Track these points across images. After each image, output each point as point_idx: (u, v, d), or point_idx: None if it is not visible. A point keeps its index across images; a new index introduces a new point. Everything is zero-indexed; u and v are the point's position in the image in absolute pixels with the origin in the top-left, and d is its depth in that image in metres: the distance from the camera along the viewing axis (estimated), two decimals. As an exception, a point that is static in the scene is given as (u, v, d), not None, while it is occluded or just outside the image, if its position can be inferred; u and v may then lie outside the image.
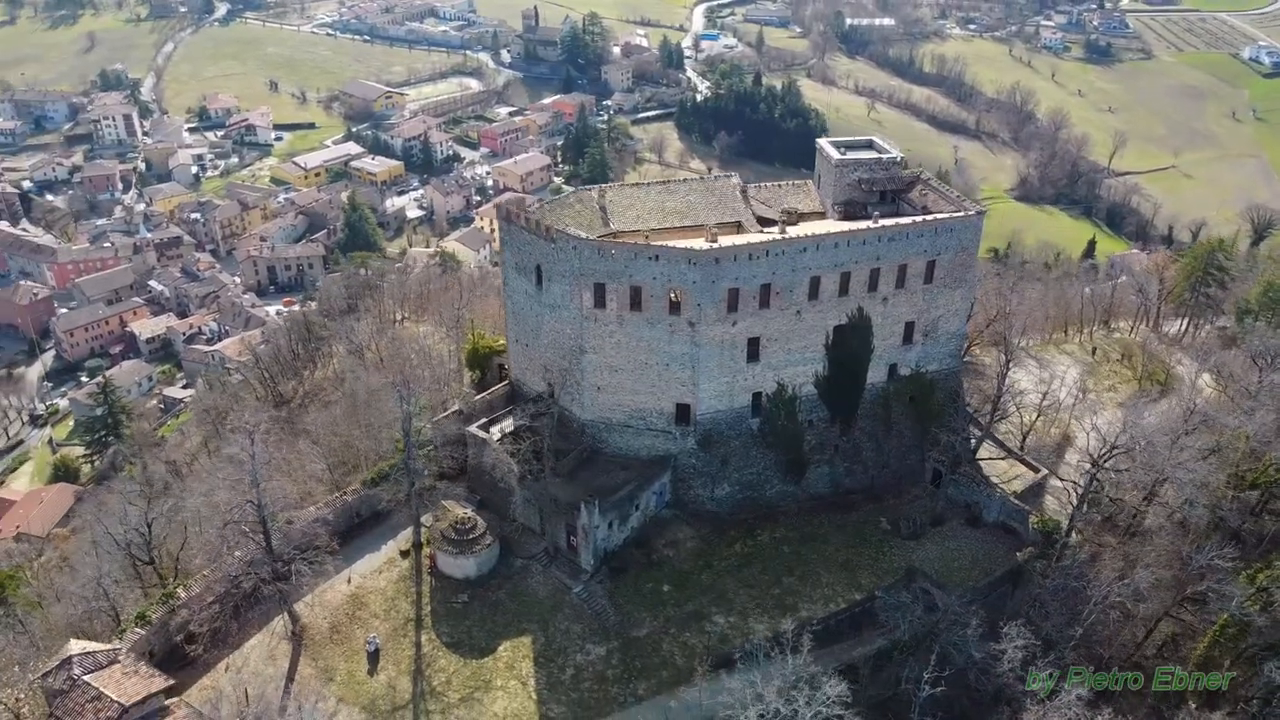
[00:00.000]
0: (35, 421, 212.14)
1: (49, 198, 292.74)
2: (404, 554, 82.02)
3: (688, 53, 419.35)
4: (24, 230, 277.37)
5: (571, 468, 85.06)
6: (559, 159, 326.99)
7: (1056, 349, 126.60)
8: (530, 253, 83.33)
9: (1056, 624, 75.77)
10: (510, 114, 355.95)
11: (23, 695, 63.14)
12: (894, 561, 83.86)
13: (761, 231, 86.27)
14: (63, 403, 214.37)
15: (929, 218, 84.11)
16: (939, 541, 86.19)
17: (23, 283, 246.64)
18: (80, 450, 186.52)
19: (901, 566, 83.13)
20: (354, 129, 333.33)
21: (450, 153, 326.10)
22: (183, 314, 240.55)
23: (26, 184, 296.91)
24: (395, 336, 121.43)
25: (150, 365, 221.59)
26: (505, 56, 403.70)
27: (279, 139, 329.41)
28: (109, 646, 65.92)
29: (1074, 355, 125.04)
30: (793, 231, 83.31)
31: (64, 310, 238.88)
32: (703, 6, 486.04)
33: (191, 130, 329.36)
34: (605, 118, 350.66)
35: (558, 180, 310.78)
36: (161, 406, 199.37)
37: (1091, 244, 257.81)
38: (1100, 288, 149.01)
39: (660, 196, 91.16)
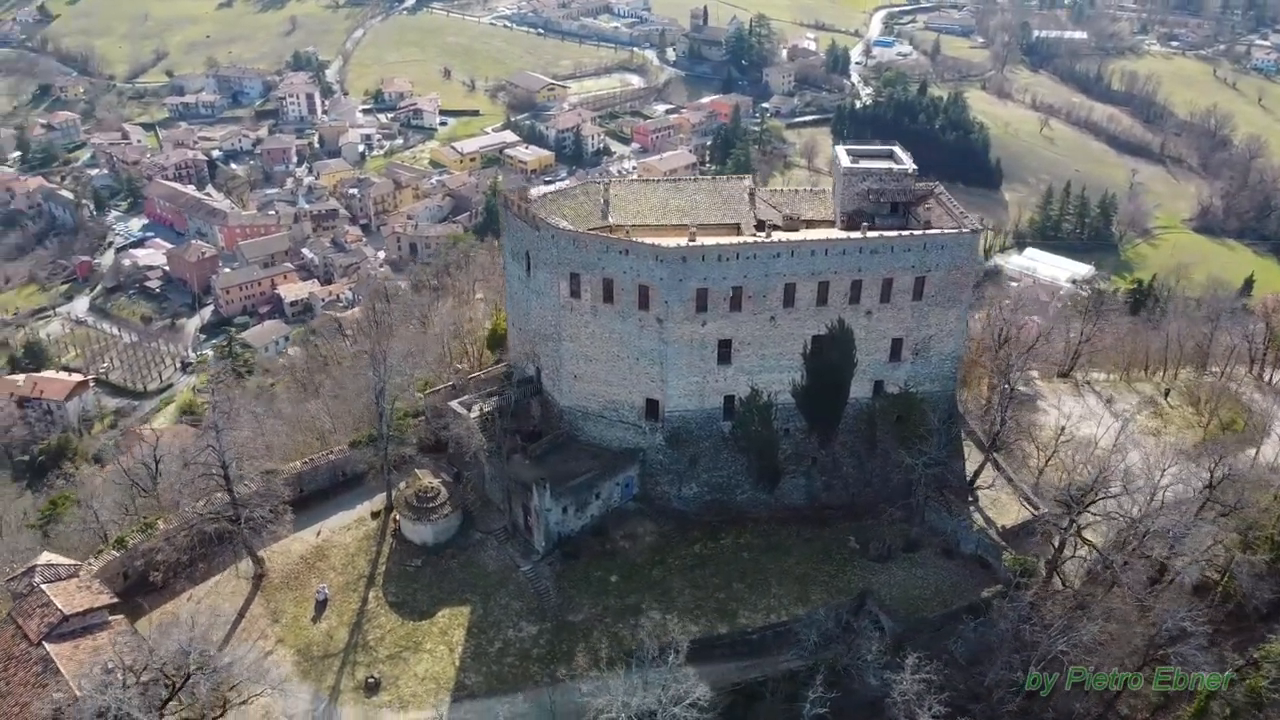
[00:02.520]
0: (185, 369, 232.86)
1: (233, 166, 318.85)
2: (374, 515, 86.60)
3: (857, 59, 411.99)
4: (207, 194, 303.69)
5: (544, 451, 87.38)
6: (706, 158, 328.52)
7: (1128, 386, 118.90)
8: (522, 240, 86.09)
9: (1002, 668, 72.27)
10: (666, 111, 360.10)
11: (-1, 592, 71.56)
12: (852, 582, 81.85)
13: (755, 235, 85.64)
14: (209, 353, 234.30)
15: (914, 232, 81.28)
16: (907, 568, 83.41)
17: (195, 242, 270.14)
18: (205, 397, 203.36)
19: (858, 587, 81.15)
20: (513, 118, 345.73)
21: (601, 146, 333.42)
22: (327, 281, 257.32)
23: (216, 153, 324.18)
24: (448, 311, 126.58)
25: (288, 326, 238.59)
26: (670, 54, 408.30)
27: (443, 124, 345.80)
28: (72, 562, 73.40)
29: (1144, 394, 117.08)
30: (780, 237, 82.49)
31: (226, 269, 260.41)
32: (883, 13, 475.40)
33: (365, 111, 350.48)
34: (759, 119, 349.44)
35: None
36: (285, 364, 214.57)
37: (1249, 282, 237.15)
38: (1199, 328, 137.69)
39: (666, 194, 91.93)
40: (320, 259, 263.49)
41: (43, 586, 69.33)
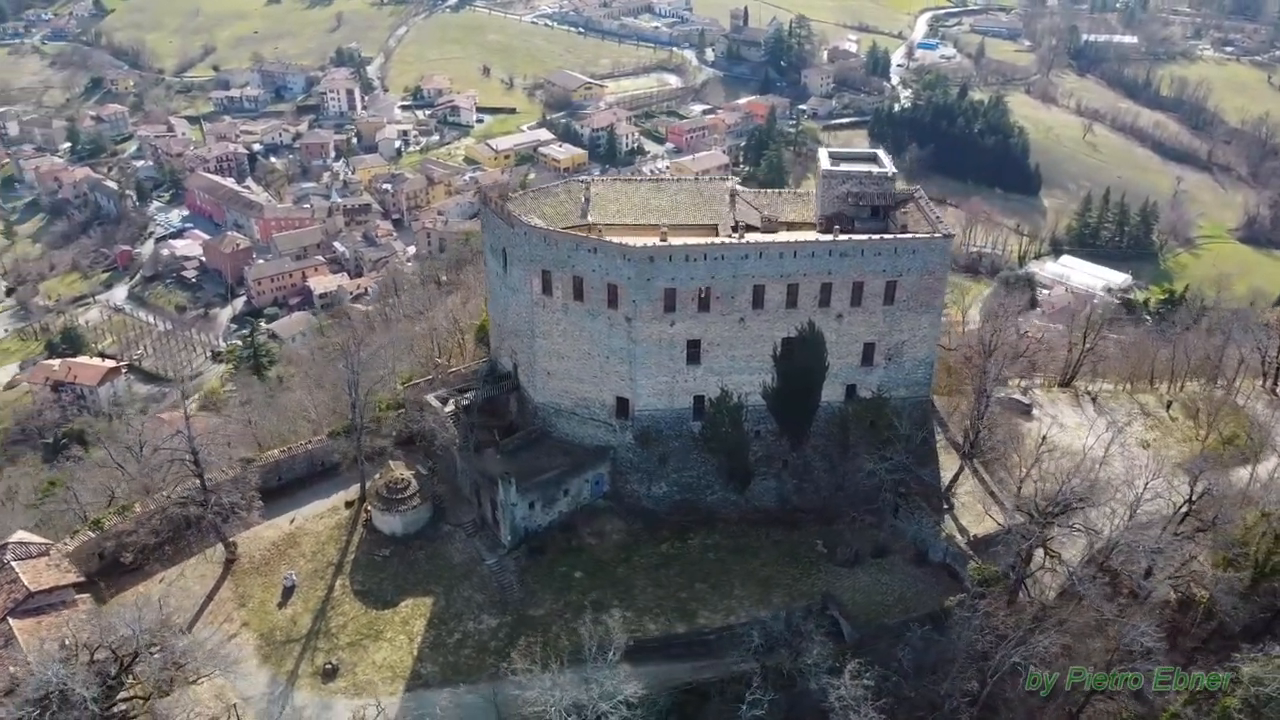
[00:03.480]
0: (215, 358, 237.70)
1: (272, 160, 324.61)
2: (348, 505, 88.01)
3: (899, 61, 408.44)
4: (246, 187, 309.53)
5: (517, 446, 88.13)
6: (740, 159, 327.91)
7: (1130, 398, 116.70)
8: (499, 236, 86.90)
9: (956, 678, 71.51)
10: (702, 112, 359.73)
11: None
12: (815, 586, 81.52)
13: (729, 236, 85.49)
14: (239, 344, 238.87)
15: (885, 236, 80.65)
16: (873, 573, 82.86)
17: (230, 233, 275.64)
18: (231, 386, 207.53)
19: (820, 591, 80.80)
20: (549, 116, 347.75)
21: (635, 145, 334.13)
22: (357, 274, 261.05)
23: (256, 146, 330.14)
24: (451, 306, 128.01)
25: (315, 318, 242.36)
26: (709, 55, 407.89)
27: (480, 121, 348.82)
28: (44, 541, 75.73)
29: (1145, 406, 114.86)
30: (754, 239, 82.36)
31: (260, 261, 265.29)
32: (928, 15, 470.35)
33: (403, 108, 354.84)
34: (795, 121, 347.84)
35: (734, 180, 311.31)
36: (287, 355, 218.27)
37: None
38: (1211, 340, 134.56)
39: (648, 194, 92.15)
40: (351, 252, 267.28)
41: (12, 563, 71.68)
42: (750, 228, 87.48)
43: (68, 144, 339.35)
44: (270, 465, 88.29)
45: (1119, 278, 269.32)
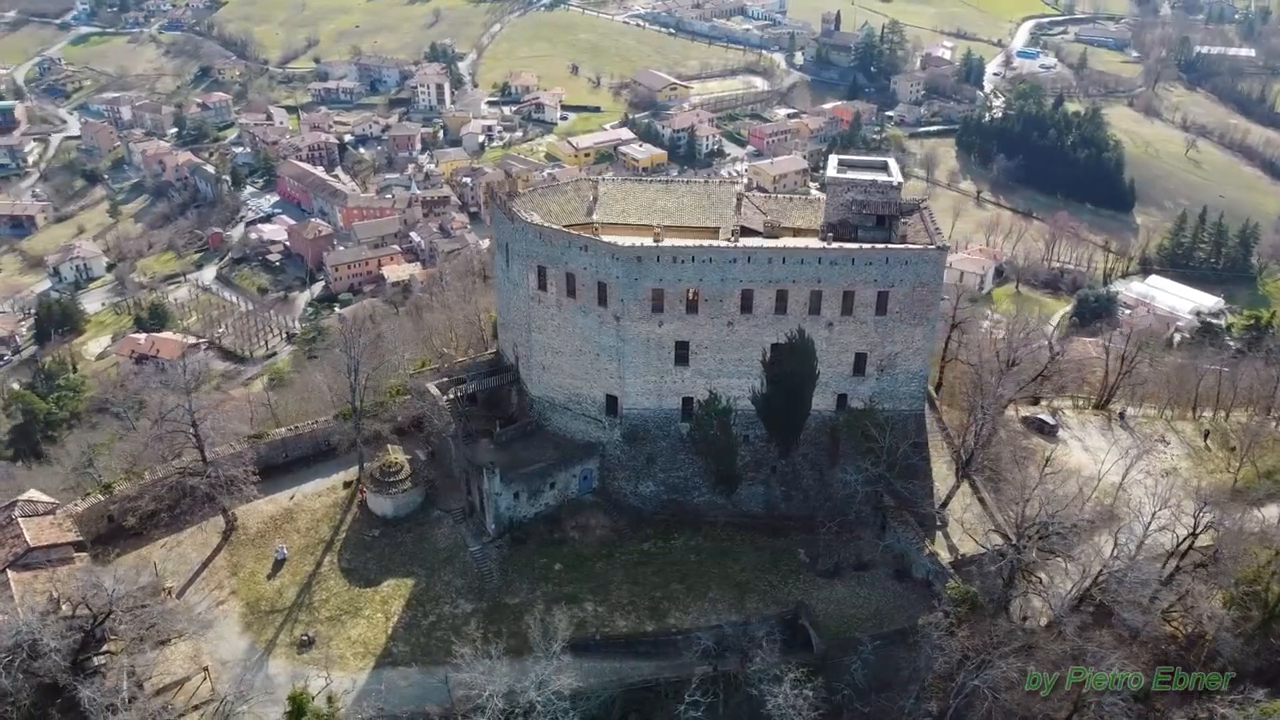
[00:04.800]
0: (289, 339, 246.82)
1: (361, 150, 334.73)
2: (347, 485, 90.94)
3: (995, 70, 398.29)
4: (335, 176, 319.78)
5: (511, 437, 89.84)
6: (820, 165, 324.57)
7: (1167, 424, 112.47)
8: (503, 231, 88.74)
9: (921, 698, 70.44)
10: (787, 116, 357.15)
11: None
12: (791, 594, 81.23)
13: (731, 239, 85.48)
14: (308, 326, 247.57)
15: (876, 246, 79.55)
16: (852, 586, 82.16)
17: (314, 220, 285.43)
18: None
19: (795, 600, 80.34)
20: (633, 116, 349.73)
21: (715, 147, 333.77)
22: (430, 264, 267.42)
23: (348, 137, 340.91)
24: (488, 301, 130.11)
25: (385, 306, 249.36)
26: (798, 59, 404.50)
27: (564, 119, 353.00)
28: (52, 501, 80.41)
29: (1182, 434, 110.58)
30: (747, 243, 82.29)
31: (340, 248, 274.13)
32: (1031, 23, 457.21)
33: (490, 104, 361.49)
34: (879, 127, 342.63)
35: (813, 186, 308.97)
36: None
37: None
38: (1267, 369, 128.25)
39: (655, 195, 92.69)
40: (426, 243, 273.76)
41: (19, 519, 76.31)
42: (751, 232, 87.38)
43: (174, 129, 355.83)
44: (277, 443, 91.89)
45: (1209, 300, 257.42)
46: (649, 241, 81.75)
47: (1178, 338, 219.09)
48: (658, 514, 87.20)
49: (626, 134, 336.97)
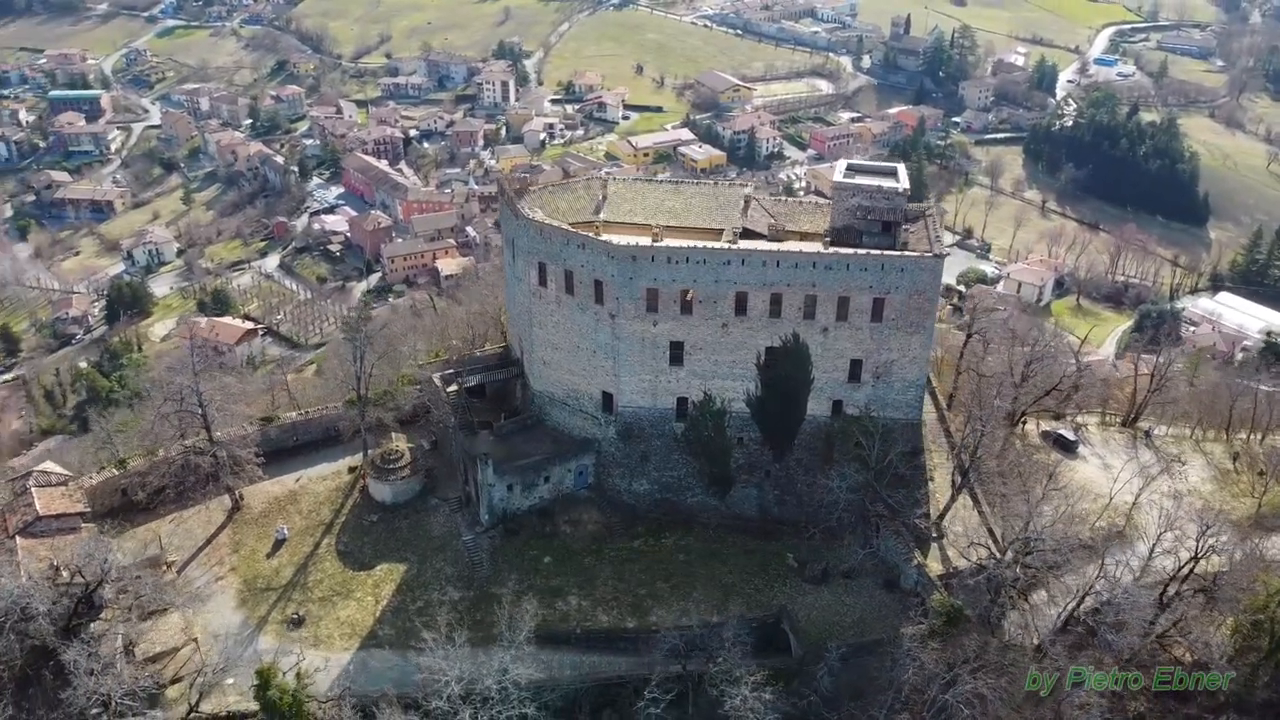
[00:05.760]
0: (343, 327, 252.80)
1: (425, 145, 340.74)
2: (351, 470, 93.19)
3: (1070, 77, 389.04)
4: (398, 170, 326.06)
5: (511, 430, 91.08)
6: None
7: (1195, 445, 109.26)
8: (510, 226, 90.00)
9: (891, 710, 69.80)
10: (851, 119, 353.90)
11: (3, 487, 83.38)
12: (775, 598, 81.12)
13: (730, 241, 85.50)
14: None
15: (871, 252, 78.83)
16: (839, 593, 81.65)
17: (374, 212, 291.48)
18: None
19: (779, 604, 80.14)
20: (694, 117, 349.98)
21: (775, 150, 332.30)
22: (483, 259, 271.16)
23: (413, 131, 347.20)
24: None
25: (438, 298, 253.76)
26: (865, 62, 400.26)
27: (626, 118, 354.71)
28: (66, 473, 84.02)
29: (1211, 457, 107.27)
30: (745, 245, 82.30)
31: (398, 240, 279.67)
32: (1111, 29, 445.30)
33: (553, 102, 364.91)
34: (944, 134, 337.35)
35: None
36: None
37: None
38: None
39: (663, 195, 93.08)
40: (481, 238, 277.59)
41: (32, 489, 79.93)
42: (755, 235, 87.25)
43: (249, 120, 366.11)
44: (287, 426, 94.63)
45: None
46: (643, 241, 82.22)
47: (1240, 355, 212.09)
48: (651, 512, 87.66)
49: (687, 134, 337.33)
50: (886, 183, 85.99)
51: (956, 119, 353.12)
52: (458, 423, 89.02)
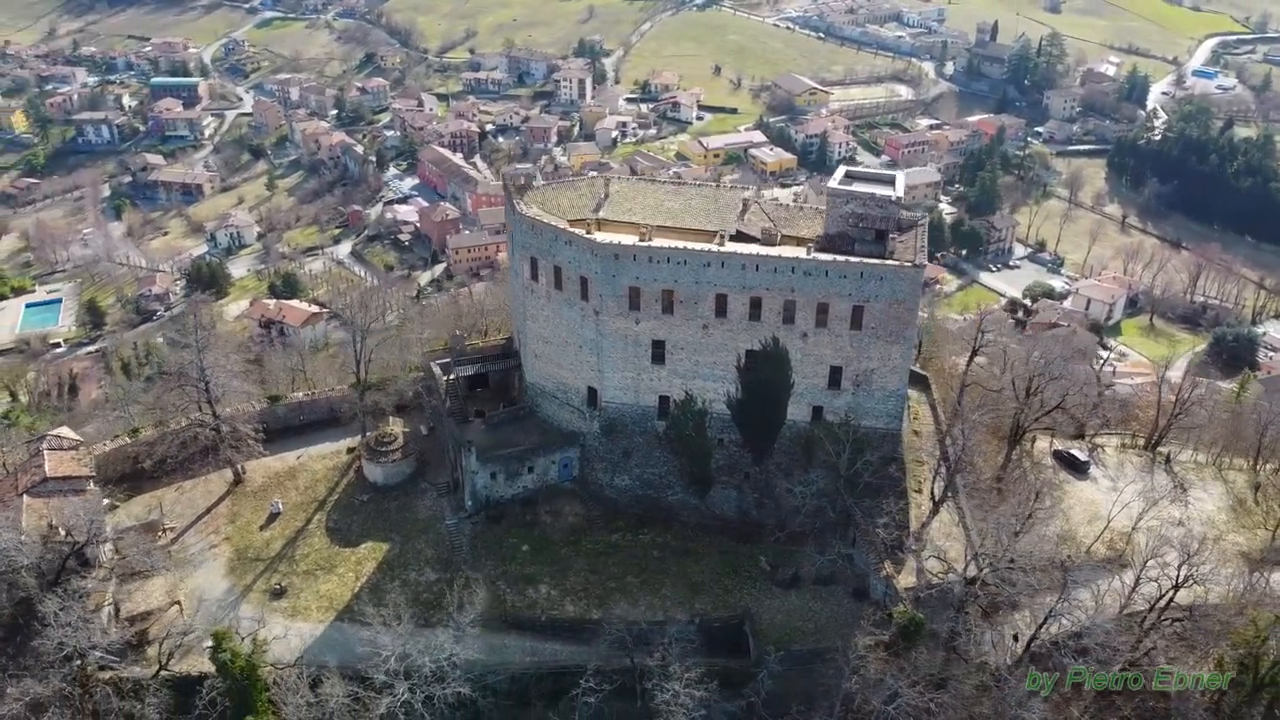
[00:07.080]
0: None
1: (499, 140, 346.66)
2: (349, 451, 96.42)
3: (1165, 89, 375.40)
4: (472, 163, 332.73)
5: (502, 420, 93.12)
6: (956, 178, 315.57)
7: (1215, 472, 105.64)
8: (510, 221, 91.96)
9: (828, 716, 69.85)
10: (928, 127, 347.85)
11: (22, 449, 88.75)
12: (742, 599, 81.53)
13: (719, 243, 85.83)
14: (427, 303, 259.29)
15: (850, 259, 78.39)
16: (807, 599, 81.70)
17: (443, 204, 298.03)
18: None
19: (744, 606, 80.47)
20: (768, 119, 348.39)
21: (848, 155, 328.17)
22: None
23: (489, 126, 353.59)
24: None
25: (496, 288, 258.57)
26: (948, 68, 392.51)
27: (700, 119, 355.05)
28: (77, 438, 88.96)
29: (1232, 485, 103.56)
30: (733, 248, 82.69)
31: (466, 232, 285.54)
32: (1214, 40, 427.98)
33: (629, 100, 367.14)
34: (1024, 144, 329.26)
35: (943, 200, 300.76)
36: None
37: None
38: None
39: (664, 196, 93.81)
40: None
41: (44, 451, 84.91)
42: (748, 238, 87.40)
43: (334, 111, 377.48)
44: (294, 405, 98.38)
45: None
46: (631, 240, 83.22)
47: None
48: (632, 508, 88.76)
49: (759, 137, 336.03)
50: (880, 190, 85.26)
51: (1039, 129, 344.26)
52: (449, 410, 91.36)
